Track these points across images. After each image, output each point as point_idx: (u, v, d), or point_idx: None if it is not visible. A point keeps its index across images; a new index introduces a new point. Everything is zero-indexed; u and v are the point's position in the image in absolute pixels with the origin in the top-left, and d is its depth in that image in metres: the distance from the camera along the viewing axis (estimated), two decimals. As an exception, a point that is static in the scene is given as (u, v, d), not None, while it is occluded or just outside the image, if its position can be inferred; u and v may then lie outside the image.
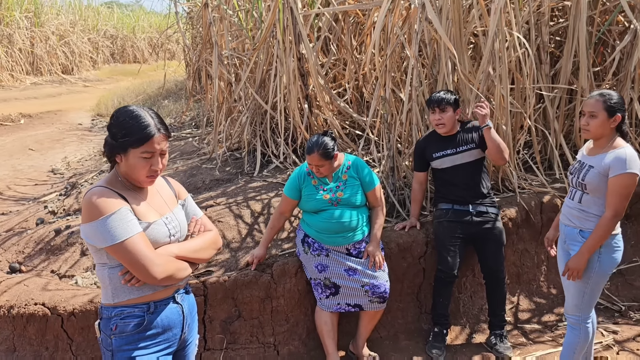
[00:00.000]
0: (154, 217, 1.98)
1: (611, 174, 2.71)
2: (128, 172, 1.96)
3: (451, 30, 4.00)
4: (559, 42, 5.05)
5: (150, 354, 1.98)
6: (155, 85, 13.12)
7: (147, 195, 2.04)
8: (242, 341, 3.52)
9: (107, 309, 1.99)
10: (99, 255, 1.93)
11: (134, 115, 1.91)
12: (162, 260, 1.91)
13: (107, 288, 1.96)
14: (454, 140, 3.60)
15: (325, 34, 5.33)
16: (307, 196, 3.37)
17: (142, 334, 1.97)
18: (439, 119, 3.54)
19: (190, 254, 2.06)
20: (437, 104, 3.53)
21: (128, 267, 1.88)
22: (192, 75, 7.80)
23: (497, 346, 3.56)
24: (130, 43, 26.58)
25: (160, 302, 2.01)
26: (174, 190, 2.20)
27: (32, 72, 18.62)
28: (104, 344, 2.00)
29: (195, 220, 2.20)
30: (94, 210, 1.84)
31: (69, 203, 5.50)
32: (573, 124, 4.80)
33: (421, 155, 3.74)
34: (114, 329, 1.95)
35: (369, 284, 3.30)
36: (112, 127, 1.94)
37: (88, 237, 1.88)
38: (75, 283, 3.78)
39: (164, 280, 1.92)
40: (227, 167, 5.39)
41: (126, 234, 1.84)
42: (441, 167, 3.62)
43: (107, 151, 1.97)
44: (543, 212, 4.19)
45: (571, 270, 2.85)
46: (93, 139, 9.18)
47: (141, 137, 1.90)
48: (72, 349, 3.39)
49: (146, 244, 1.88)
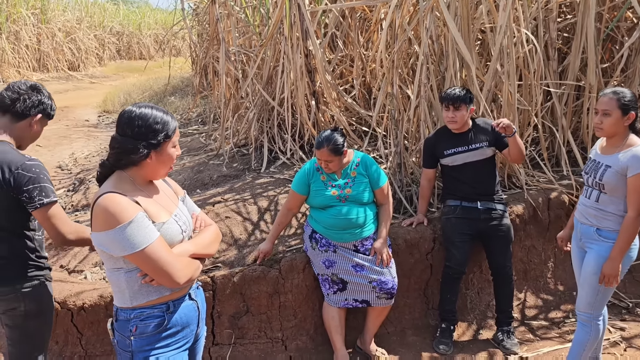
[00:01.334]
0: (165, 216, 1.97)
1: (630, 173, 2.70)
2: (156, 169, 1.97)
3: (459, 27, 3.99)
4: (566, 39, 5.03)
5: (171, 352, 1.99)
6: (161, 82, 13.14)
7: (155, 194, 2.02)
8: (250, 336, 3.54)
9: (124, 311, 1.96)
10: (112, 260, 1.90)
11: (154, 114, 1.91)
12: (183, 265, 1.91)
13: (124, 292, 1.93)
14: (466, 138, 3.58)
15: (332, 30, 5.34)
16: (316, 192, 3.38)
17: (162, 334, 1.97)
18: (453, 116, 3.50)
19: (202, 250, 2.07)
20: (451, 102, 3.48)
21: (150, 273, 1.87)
22: (199, 71, 7.81)
23: (504, 342, 3.57)
24: (136, 40, 26.60)
25: (177, 301, 2.02)
26: (172, 187, 2.21)
27: (38, 69, 18.67)
28: (121, 345, 1.98)
29: (196, 216, 2.21)
30: (110, 218, 1.79)
31: (77, 199, 5.53)
32: (581, 120, 4.79)
33: (431, 152, 3.72)
34: (134, 330, 1.94)
35: (377, 280, 3.31)
36: (141, 131, 1.88)
37: (103, 245, 1.84)
38: (84, 278, 3.81)
39: (185, 284, 1.94)
40: (234, 163, 5.41)
41: (146, 241, 1.82)
42: (452, 164, 3.60)
43: (137, 157, 1.90)
44: (550, 208, 4.18)
45: (607, 276, 2.81)
46: (99, 135, 9.20)
47: (172, 129, 1.95)
48: (82, 343, 3.42)
49: (166, 249, 1.87)
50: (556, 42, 4.66)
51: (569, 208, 4.20)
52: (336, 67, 5.68)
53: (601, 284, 2.86)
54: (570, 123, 4.71)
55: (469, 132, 3.59)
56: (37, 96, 2.47)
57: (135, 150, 1.88)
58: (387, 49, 4.57)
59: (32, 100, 2.45)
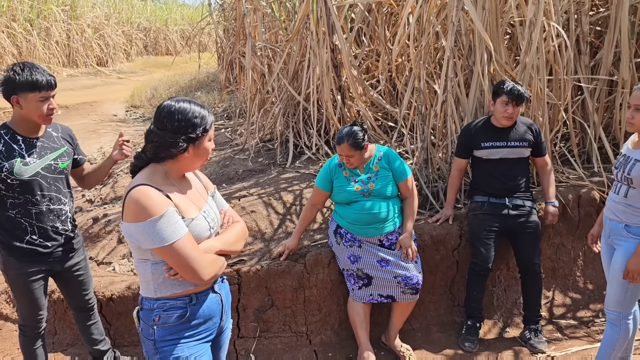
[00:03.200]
0: (194, 212, 1.99)
1: None
2: (192, 162, 1.99)
3: (487, 20, 3.93)
4: (599, 32, 4.92)
5: (192, 343, 2.02)
6: (187, 77, 13.25)
7: (186, 189, 2.05)
8: (275, 330, 3.56)
9: (148, 301, 2.00)
10: (140, 251, 1.94)
11: (192, 108, 1.93)
12: (208, 262, 1.94)
13: (150, 283, 1.97)
14: (507, 133, 3.53)
15: (358, 24, 5.31)
16: (339, 187, 3.38)
17: (184, 325, 2.00)
18: (512, 112, 3.44)
19: (229, 247, 2.09)
20: (516, 99, 3.42)
21: (176, 268, 1.90)
22: (226, 67, 7.85)
23: (531, 341, 3.52)
24: (162, 35, 26.89)
25: (201, 294, 2.04)
26: (203, 182, 2.22)
27: (68, 64, 19.01)
28: (145, 334, 2.02)
29: (224, 212, 2.23)
30: (141, 211, 1.82)
31: (106, 192, 5.62)
32: (613, 116, 4.68)
33: (467, 142, 3.64)
34: (157, 320, 1.98)
35: (402, 275, 3.30)
36: (181, 125, 1.90)
37: (133, 236, 1.88)
38: (112, 270, 3.87)
39: (209, 281, 1.97)
40: (260, 158, 5.44)
41: (175, 236, 1.84)
42: (488, 157, 3.55)
43: (175, 151, 1.92)
44: (580, 206, 4.10)
45: (631, 272, 2.76)
46: (127, 130, 9.33)
47: (210, 123, 1.98)
48: (110, 333, 3.48)
49: (193, 246, 1.90)
50: (588, 36, 4.56)
51: (600, 205, 4.11)
52: (362, 61, 5.65)
53: (625, 280, 2.80)
54: (602, 119, 4.61)
55: (510, 129, 3.54)
56: (8, 76, 2.51)
57: (175, 144, 1.90)
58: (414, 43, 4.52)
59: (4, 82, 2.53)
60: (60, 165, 2.73)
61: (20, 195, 2.60)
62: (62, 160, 2.75)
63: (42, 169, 2.64)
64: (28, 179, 2.58)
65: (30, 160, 2.59)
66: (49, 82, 2.55)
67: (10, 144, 2.57)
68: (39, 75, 2.52)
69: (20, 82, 2.50)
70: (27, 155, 2.59)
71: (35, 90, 2.52)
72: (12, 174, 2.54)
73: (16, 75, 2.50)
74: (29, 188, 2.60)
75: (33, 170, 2.59)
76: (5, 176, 2.54)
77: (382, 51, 5.25)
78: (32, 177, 2.60)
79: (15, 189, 2.58)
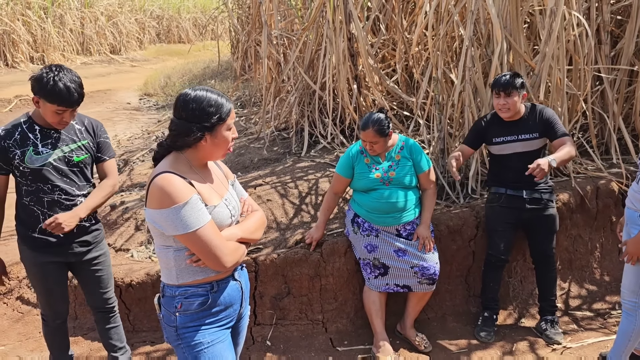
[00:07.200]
0: (216, 199, 2.01)
1: None
2: (212, 151, 2.00)
3: (507, 9, 3.89)
4: (620, 22, 4.84)
5: (214, 329, 2.04)
6: (200, 65, 13.26)
7: (208, 177, 2.06)
8: (291, 317, 3.59)
9: (170, 288, 2.03)
10: (163, 238, 1.95)
11: (208, 96, 1.93)
12: (230, 250, 1.96)
13: (172, 269, 1.99)
14: (517, 126, 3.44)
15: (375, 13, 5.27)
16: (359, 174, 3.38)
17: (206, 312, 2.02)
18: (504, 103, 3.35)
19: (249, 235, 2.11)
20: (502, 88, 3.33)
21: (198, 254, 1.92)
22: (241, 55, 7.85)
23: (547, 332, 3.52)
24: (175, 23, 26.85)
25: (222, 281, 2.06)
26: (223, 171, 2.24)
27: (82, 52, 19.08)
28: (166, 321, 2.05)
29: (244, 200, 2.25)
30: (166, 197, 1.85)
31: (122, 179, 5.67)
32: (633, 107, 4.62)
33: (478, 135, 3.58)
34: (179, 307, 2.00)
35: (419, 265, 3.30)
36: (195, 114, 1.91)
37: (156, 222, 1.90)
38: (131, 256, 3.92)
39: (231, 268, 1.99)
40: (275, 146, 5.45)
41: (198, 223, 1.86)
42: (500, 153, 3.50)
43: (191, 140, 1.93)
44: (599, 197, 4.07)
45: (630, 254, 2.75)
46: (141, 118, 9.37)
47: (226, 112, 1.96)
48: (130, 319, 3.53)
49: (216, 233, 1.92)
50: (609, 25, 4.49)
51: (618, 197, 4.08)
52: (378, 50, 5.62)
53: (622, 260, 2.78)
54: (621, 109, 4.55)
55: (520, 121, 3.45)
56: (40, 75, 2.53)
57: (189, 132, 1.92)
58: (432, 32, 4.49)
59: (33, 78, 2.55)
60: (74, 158, 2.70)
61: (32, 183, 2.63)
62: (78, 154, 2.71)
63: (55, 160, 2.64)
64: (38, 167, 2.60)
65: (44, 150, 2.61)
66: (70, 100, 2.51)
67: (26, 133, 2.60)
68: (64, 89, 2.48)
69: (42, 87, 2.49)
70: (41, 145, 2.61)
71: (54, 103, 2.51)
72: (24, 162, 2.58)
73: (43, 79, 2.49)
74: (41, 177, 2.62)
75: (44, 160, 2.61)
76: (18, 163, 2.58)
77: (399, 40, 5.21)
78: (42, 167, 2.61)
79: (28, 176, 2.61)
